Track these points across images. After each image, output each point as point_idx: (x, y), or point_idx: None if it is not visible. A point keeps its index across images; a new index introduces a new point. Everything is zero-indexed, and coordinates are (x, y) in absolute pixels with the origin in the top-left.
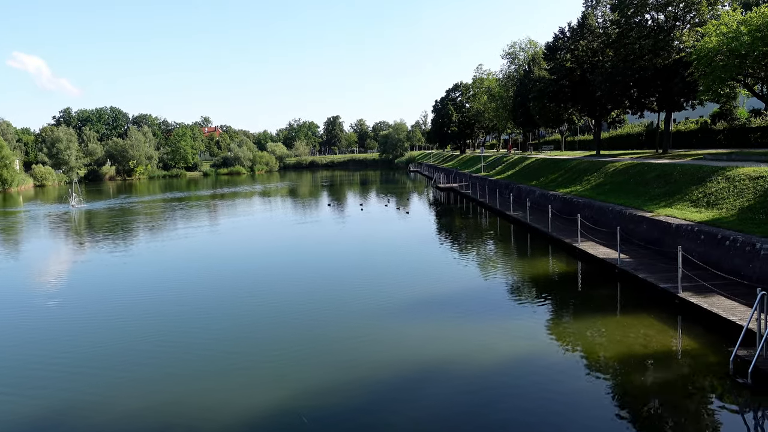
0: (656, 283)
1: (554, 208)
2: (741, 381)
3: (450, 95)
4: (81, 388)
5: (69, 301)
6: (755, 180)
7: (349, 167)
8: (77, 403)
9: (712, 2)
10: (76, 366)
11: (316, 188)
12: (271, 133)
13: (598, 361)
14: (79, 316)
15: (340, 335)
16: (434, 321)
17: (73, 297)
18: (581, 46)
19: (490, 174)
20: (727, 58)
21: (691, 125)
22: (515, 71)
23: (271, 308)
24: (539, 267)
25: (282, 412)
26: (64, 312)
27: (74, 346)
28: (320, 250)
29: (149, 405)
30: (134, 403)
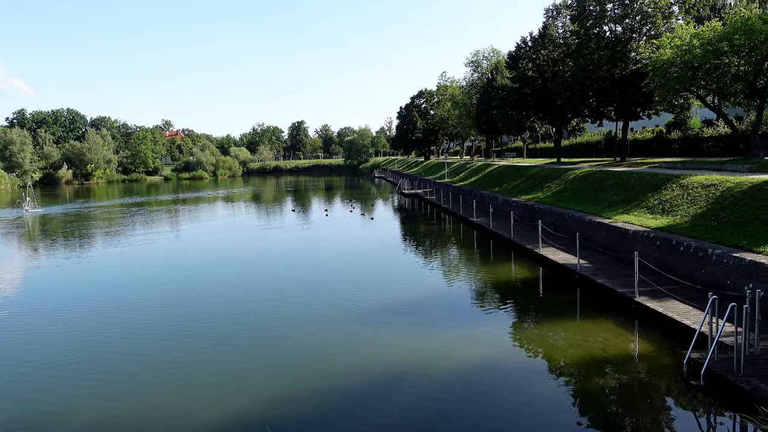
0: (614, 287)
1: (516, 214)
2: (694, 383)
3: (414, 102)
4: (39, 398)
5: (21, 309)
6: (707, 188)
7: (313, 173)
8: (33, 414)
9: (667, 16)
10: (33, 376)
11: (280, 193)
12: (234, 138)
13: (559, 365)
14: (32, 325)
15: (304, 343)
16: (399, 328)
17: (26, 305)
18: (542, 56)
19: (453, 180)
20: (681, 70)
21: (648, 134)
22: (478, 79)
23: (234, 316)
24: (502, 273)
25: (246, 421)
26: (17, 321)
27: (30, 356)
28: (284, 257)
29: (107, 417)
30: (93, 414)
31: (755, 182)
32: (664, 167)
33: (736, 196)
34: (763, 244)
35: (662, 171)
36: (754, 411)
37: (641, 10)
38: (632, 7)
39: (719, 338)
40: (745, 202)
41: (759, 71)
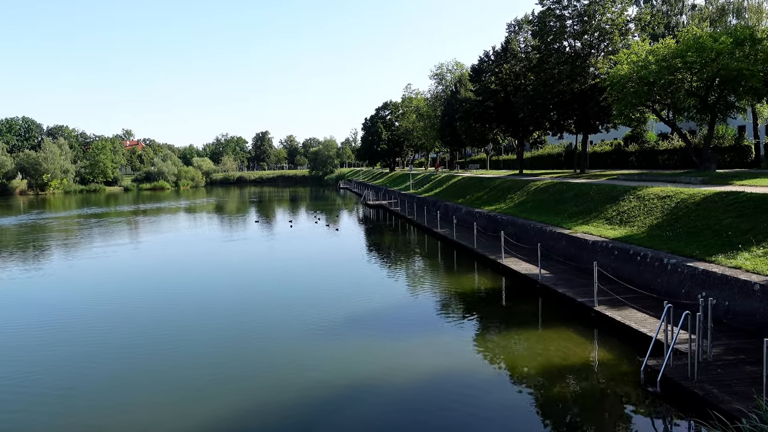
0: (574, 297)
1: (479, 225)
2: (651, 389)
3: (379, 113)
4: None
5: None
6: (663, 199)
7: (278, 183)
8: None
9: (624, 33)
10: None
11: (244, 204)
12: (197, 148)
13: (522, 374)
14: None
15: (268, 356)
16: (365, 339)
17: None
18: (505, 70)
19: (418, 192)
20: (637, 84)
21: (606, 147)
22: (443, 91)
23: (196, 330)
24: (465, 283)
25: None
26: None
27: None
28: (247, 269)
29: None
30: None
31: (707, 194)
32: (621, 179)
33: (689, 207)
34: (716, 254)
35: (620, 183)
36: (707, 416)
37: (599, 26)
38: (591, 24)
39: (674, 345)
40: (698, 213)
41: (710, 87)
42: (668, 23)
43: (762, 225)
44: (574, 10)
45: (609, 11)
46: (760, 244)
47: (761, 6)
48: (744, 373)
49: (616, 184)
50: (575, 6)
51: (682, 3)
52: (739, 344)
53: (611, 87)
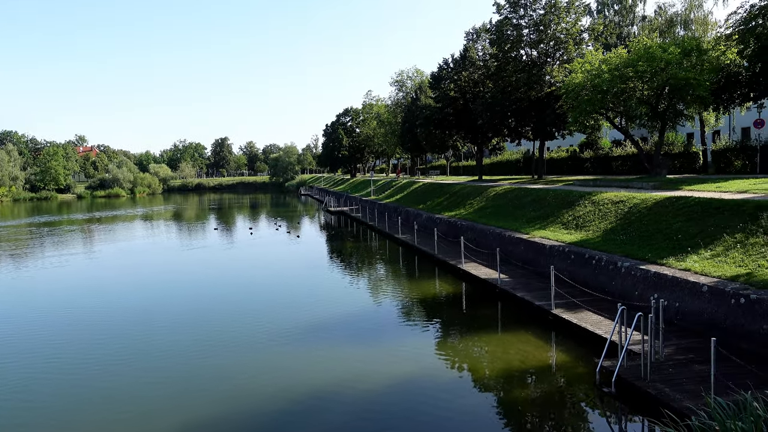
0: (532, 300)
1: (440, 230)
2: (606, 390)
3: (340, 120)
4: None
5: None
6: (616, 204)
7: (238, 190)
8: None
9: (578, 42)
10: None
11: (202, 212)
12: (154, 154)
13: (482, 378)
14: None
15: (226, 366)
16: (326, 347)
17: None
18: (464, 77)
19: (379, 198)
20: (591, 93)
21: (563, 153)
22: (403, 98)
23: (152, 341)
24: (427, 289)
25: None
26: None
27: None
28: (205, 278)
29: None
30: None
31: (659, 199)
32: (577, 185)
33: (642, 211)
34: (667, 257)
35: (576, 188)
36: (660, 414)
37: (555, 36)
38: (546, 33)
39: (628, 346)
40: (650, 218)
41: (660, 95)
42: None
43: (709, 228)
44: (531, 19)
45: (564, 21)
46: (707, 247)
47: (707, 18)
48: (693, 372)
49: (572, 190)
50: (531, 16)
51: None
52: (689, 344)
53: (566, 95)
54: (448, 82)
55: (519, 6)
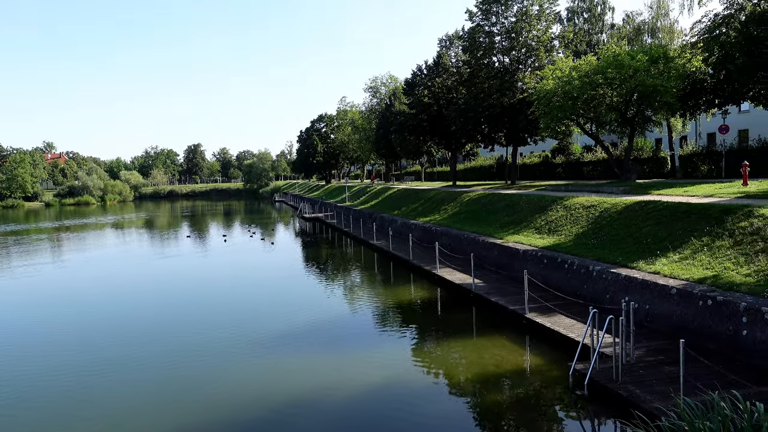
0: (506, 305)
1: (415, 236)
2: (579, 393)
3: (315, 126)
4: None
5: None
6: (588, 209)
7: (211, 197)
8: None
9: (549, 49)
10: None
11: (175, 219)
12: (125, 161)
13: (458, 383)
14: None
15: (200, 376)
16: (301, 354)
17: None
18: (437, 83)
19: (354, 204)
20: (562, 99)
21: (535, 159)
22: (377, 104)
23: (124, 351)
24: (402, 294)
25: None
26: None
27: None
28: (178, 286)
29: None
30: None
31: (628, 203)
32: (549, 190)
33: (612, 216)
34: (637, 260)
35: (548, 193)
36: (631, 416)
37: (526, 43)
38: (518, 41)
39: (600, 349)
40: (620, 222)
41: (629, 102)
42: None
43: (677, 232)
44: (502, 26)
45: (535, 29)
46: (675, 250)
47: (673, 27)
48: (663, 373)
49: (544, 195)
50: (503, 23)
51: (602, 22)
52: (659, 345)
53: (538, 101)
54: (422, 89)
55: (491, 13)
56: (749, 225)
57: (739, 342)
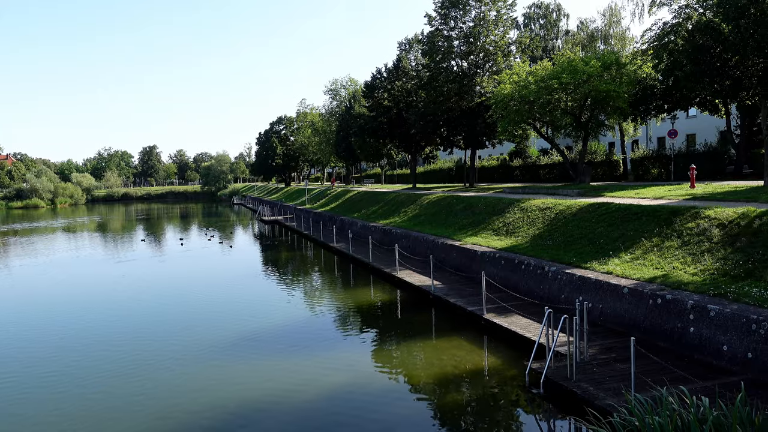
0: (465, 306)
1: (375, 239)
2: (535, 391)
3: (274, 128)
4: None
5: None
6: (543, 211)
7: (168, 200)
8: None
9: (506, 54)
10: None
11: (129, 222)
12: (77, 163)
13: (418, 384)
14: None
15: (154, 382)
16: (260, 359)
17: None
18: (397, 87)
19: (314, 206)
20: (519, 103)
21: (493, 162)
22: (337, 107)
23: (70, 361)
24: (362, 297)
25: None
26: None
27: None
28: (131, 292)
29: None
30: None
31: (583, 205)
32: (507, 192)
33: (567, 217)
34: (590, 261)
35: (506, 195)
36: (585, 413)
37: (484, 48)
38: (476, 45)
39: (555, 348)
40: (575, 223)
41: (583, 106)
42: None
43: (629, 233)
44: (461, 31)
45: (492, 34)
46: (627, 251)
47: (625, 34)
48: (616, 371)
49: (502, 197)
50: (461, 28)
51: (557, 29)
52: (611, 343)
53: (496, 105)
54: (381, 92)
55: (449, 18)
56: (696, 226)
57: (687, 339)
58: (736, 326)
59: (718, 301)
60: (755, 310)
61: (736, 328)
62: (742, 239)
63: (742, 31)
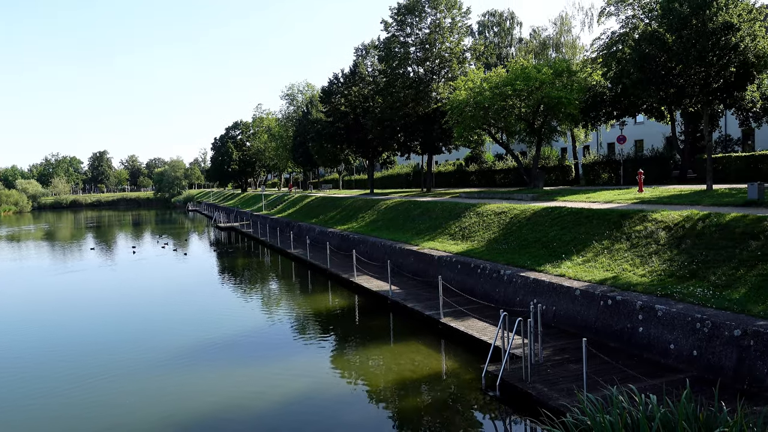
0: (422, 310)
1: (332, 244)
2: (491, 394)
3: (230, 133)
4: None
5: None
6: (498, 215)
7: (119, 207)
8: None
9: (461, 61)
10: None
11: (78, 230)
12: (22, 169)
13: (375, 389)
14: None
15: (105, 395)
16: (217, 368)
17: None
18: (354, 92)
19: (271, 212)
20: (474, 109)
21: (450, 167)
22: (294, 112)
23: (18, 375)
24: (320, 303)
25: None
26: None
27: None
28: (81, 303)
29: None
30: None
31: (536, 209)
32: (463, 197)
33: (522, 221)
34: (544, 264)
35: (462, 200)
36: (539, 414)
37: (439, 54)
38: (432, 52)
39: (510, 351)
40: (529, 227)
41: (536, 113)
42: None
43: (581, 236)
44: (417, 38)
45: (448, 40)
46: (579, 253)
47: (575, 42)
48: (569, 371)
49: (458, 202)
50: (417, 34)
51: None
52: (564, 345)
53: (451, 111)
54: (338, 97)
55: (405, 24)
56: (644, 229)
57: (636, 338)
58: (682, 325)
59: (665, 302)
60: (700, 309)
61: (682, 327)
62: (686, 241)
63: (684, 41)
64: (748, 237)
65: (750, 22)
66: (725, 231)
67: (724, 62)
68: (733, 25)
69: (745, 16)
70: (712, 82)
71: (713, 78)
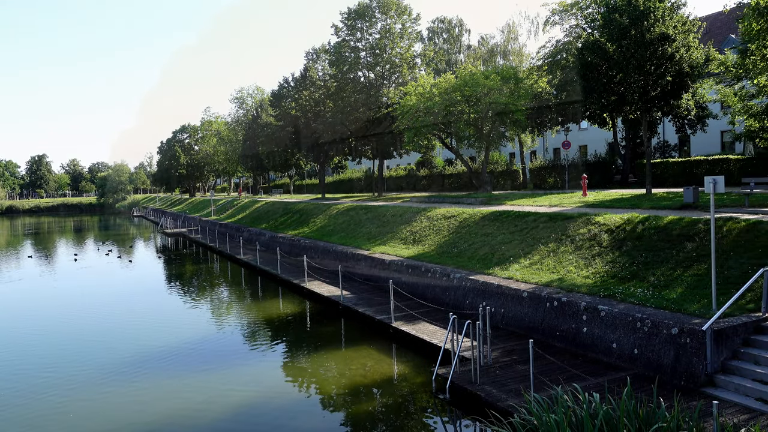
0: (373, 315)
1: (283, 250)
2: (442, 397)
3: (177, 137)
4: None
5: None
6: (448, 219)
7: (60, 212)
8: None
9: (411, 66)
10: None
11: (15, 238)
12: None
13: (326, 395)
14: None
15: (49, 410)
16: (165, 377)
17: None
18: (304, 96)
19: (221, 218)
20: (424, 114)
21: (401, 171)
22: (243, 116)
23: None
24: (270, 309)
25: None
26: None
27: None
28: (18, 313)
29: None
30: None
31: (485, 213)
32: (414, 201)
33: (471, 225)
34: (493, 267)
35: (413, 205)
36: (488, 415)
37: (390, 59)
38: (382, 57)
39: (460, 353)
40: (478, 231)
41: (484, 118)
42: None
43: (528, 239)
44: (367, 43)
45: (398, 46)
46: (527, 256)
47: (522, 50)
48: (517, 372)
49: (409, 206)
50: (368, 39)
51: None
52: (512, 346)
53: (402, 116)
54: (289, 101)
55: (356, 30)
56: (587, 231)
57: (581, 338)
58: (623, 324)
59: (608, 302)
60: (640, 309)
61: (624, 326)
62: (627, 243)
63: (624, 50)
64: (684, 239)
65: (684, 34)
66: (663, 233)
67: (662, 71)
68: (669, 36)
69: (680, 27)
70: (651, 90)
71: (651, 86)
